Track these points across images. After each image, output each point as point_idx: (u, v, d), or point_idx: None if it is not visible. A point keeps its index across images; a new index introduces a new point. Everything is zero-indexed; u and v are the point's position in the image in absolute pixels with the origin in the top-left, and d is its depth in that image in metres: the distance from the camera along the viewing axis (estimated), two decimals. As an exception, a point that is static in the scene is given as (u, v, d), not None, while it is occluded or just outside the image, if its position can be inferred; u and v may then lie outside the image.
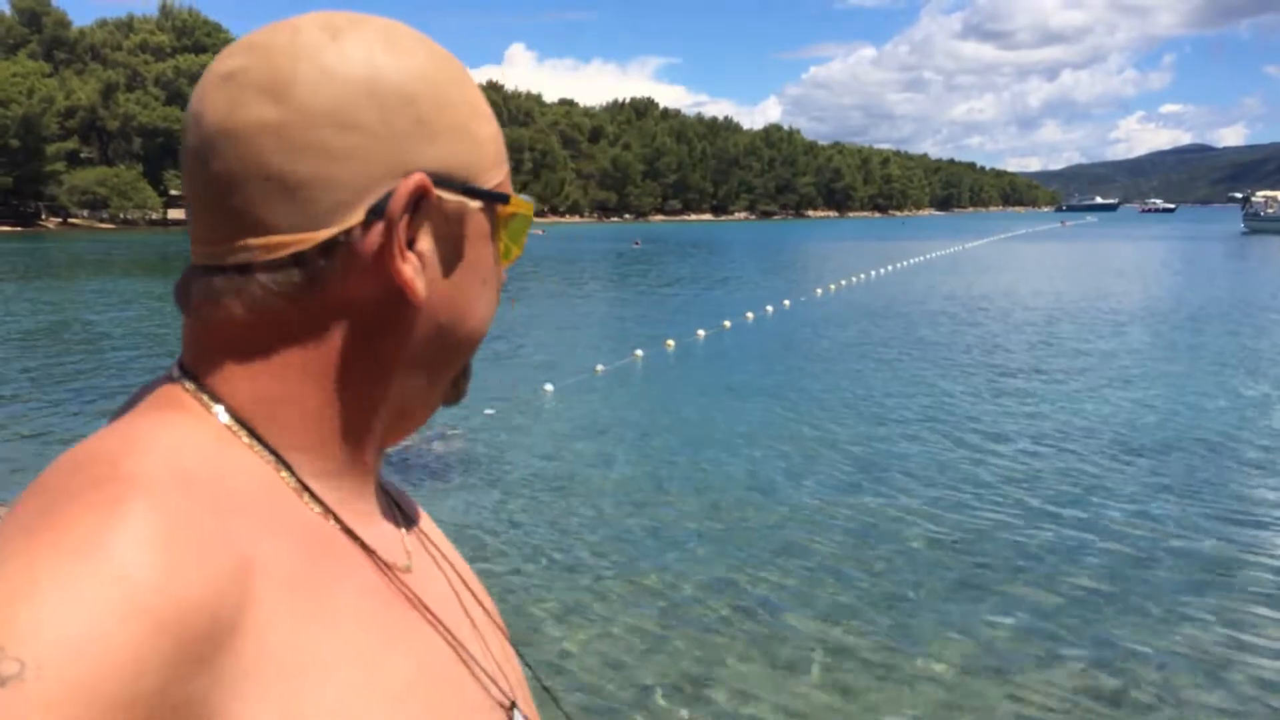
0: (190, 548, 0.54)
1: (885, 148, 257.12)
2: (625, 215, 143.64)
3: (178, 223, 76.77)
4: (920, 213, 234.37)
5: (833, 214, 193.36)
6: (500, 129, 0.71)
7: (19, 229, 70.17)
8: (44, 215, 76.79)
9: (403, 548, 0.75)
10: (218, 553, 0.56)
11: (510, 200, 0.69)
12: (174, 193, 77.92)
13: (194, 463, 0.60)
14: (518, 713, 0.75)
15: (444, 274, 0.67)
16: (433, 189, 0.65)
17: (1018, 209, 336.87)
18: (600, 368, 14.29)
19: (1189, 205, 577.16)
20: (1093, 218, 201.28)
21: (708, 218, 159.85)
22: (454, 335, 0.70)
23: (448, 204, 0.66)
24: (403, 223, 0.63)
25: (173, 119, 79.11)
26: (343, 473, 0.68)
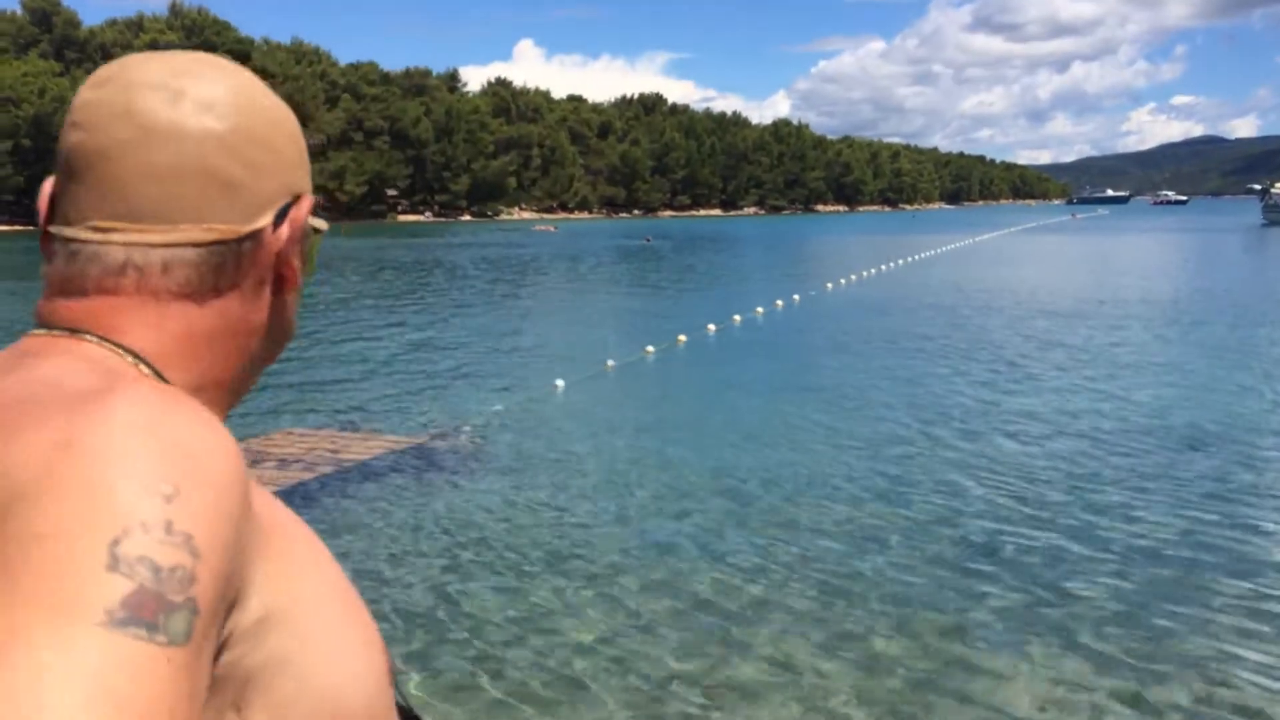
0: (215, 419, 0.64)
1: (895, 141, 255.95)
2: (634, 211, 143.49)
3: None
4: (930, 206, 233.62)
5: (842, 208, 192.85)
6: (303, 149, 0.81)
7: (31, 227, 70.47)
8: (56, 214, 77.16)
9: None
10: (233, 450, 0.64)
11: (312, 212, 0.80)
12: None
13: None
14: None
15: (293, 272, 0.79)
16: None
17: (1028, 202, 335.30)
18: (611, 363, 14.27)
19: (1201, 197, 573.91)
20: (1104, 210, 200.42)
21: (717, 213, 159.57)
22: (290, 330, 0.82)
23: (296, 210, 0.77)
24: (298, 221, 0.77)
25: (183, 118, 79.05)
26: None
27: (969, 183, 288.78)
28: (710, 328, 18.18)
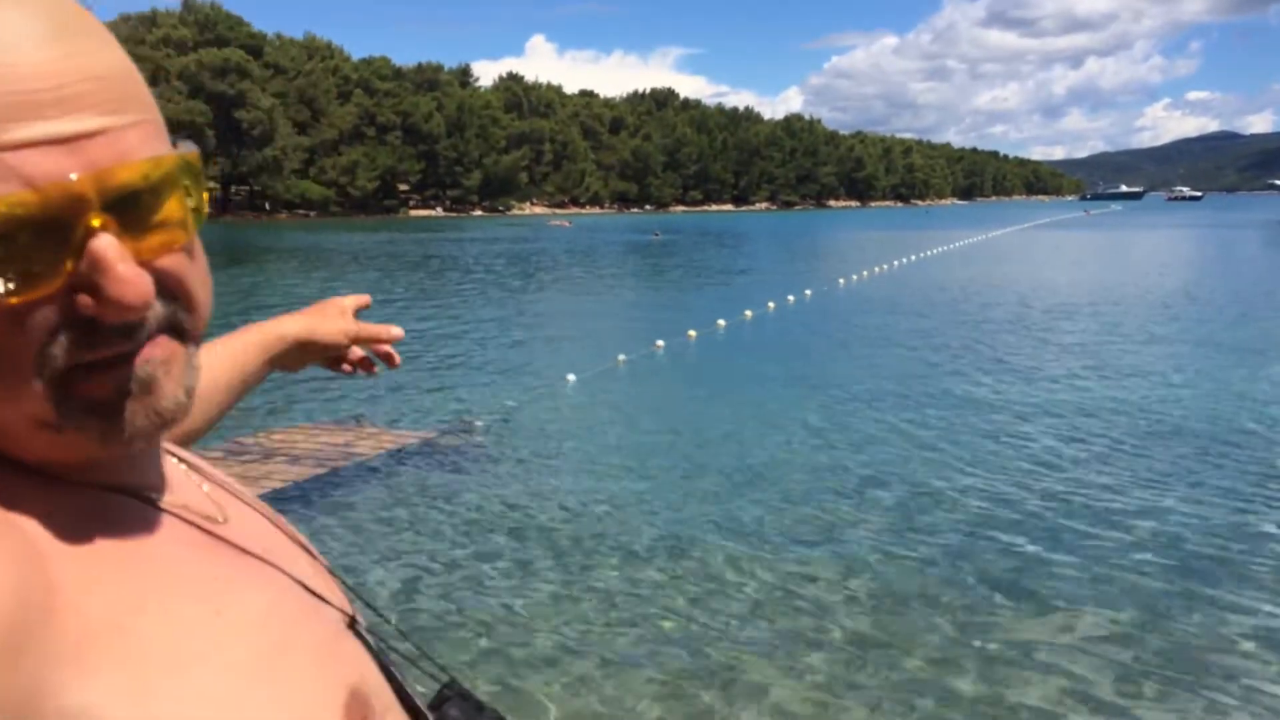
0: None
1: (908, 137, 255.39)
2: (646, 206, 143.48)
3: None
4: (943, 202, 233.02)
5: (854, 204, 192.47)
6: (37, 61, 0.54)
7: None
8: (70, 209, 77.63)
9: (211, 503, 0.73)
10: (4, 538, 0.53)
11: None
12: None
13: None
14: (359, 626, 0.77)
15: None
16: None
17: (1041, 198, 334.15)
18: (622, 358, 14.25)
19: (1216, 193, 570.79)
20: (1118, 206, 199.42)
21: (729, 208, 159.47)
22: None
23: None
24: None
25: (195, 112, 79.59)
26: (80, 460, 0.62)
27: (982, 178, 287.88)
28: (721, 323, 18.15)
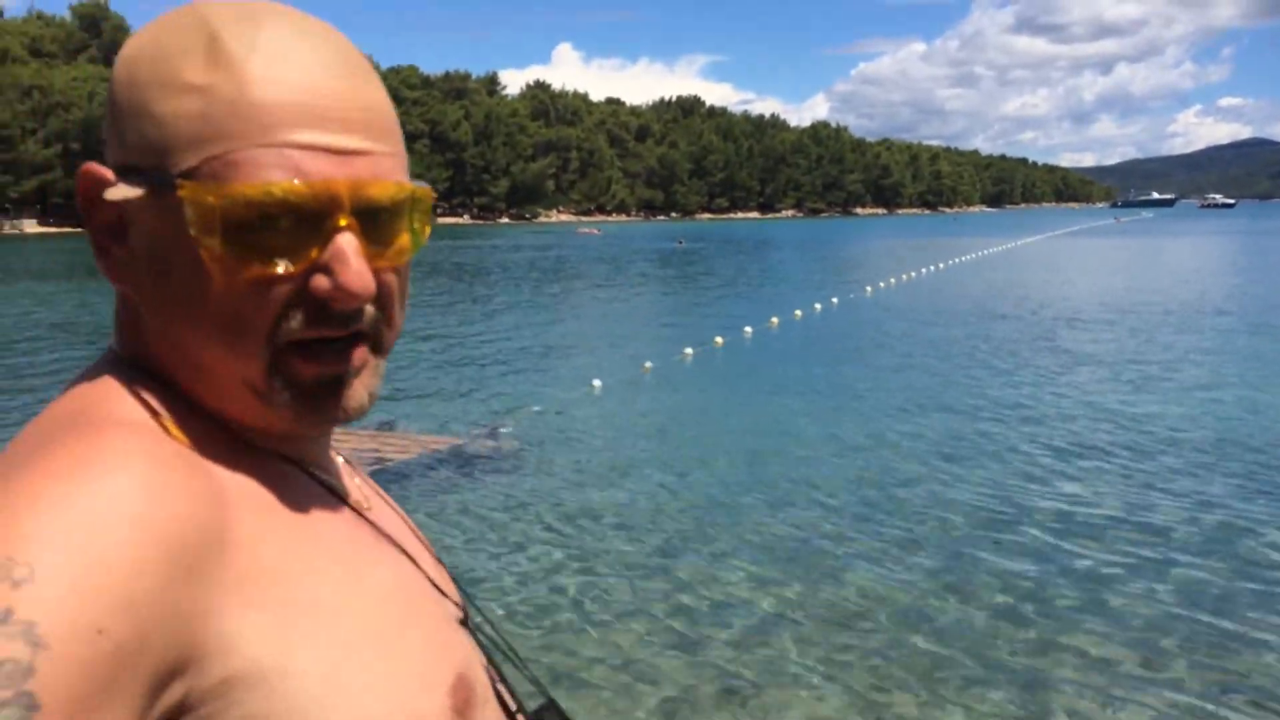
0: (173, 472, 0.59)
1: (935, 144, 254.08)
2: (672, 214, 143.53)
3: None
4: (971, 209, 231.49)
5: (881, 211, 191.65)
6: (213, 101, 0.64)
7: (80, 230, 71.62)
8: (103, 217, 78.50)
9: (360, 493, 0.82)
10: (198, 478, 0.61)
11: (182, 185, 0.64)
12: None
13: (148, 411, 0.66)
14: (469, 622, 0.83)
15: (145, 263, 0.68)
16: (98, 174, 0.67)
17: (1071, 205, 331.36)
18: (649, 365, 14.27)
19: (1249, 200, 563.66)
20: (1149, 213, 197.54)
21: (755, 216, 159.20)
22: (187, 326, 0.67)
23: (123, 190, 0.66)
24: (94, 211, 0.68)
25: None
26: (267, 431, 0.71)
27: (1011, 186, 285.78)
28: (747, 330, 18.14)
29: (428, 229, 0.73)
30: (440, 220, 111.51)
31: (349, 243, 0.65)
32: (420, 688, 0.68)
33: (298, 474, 0.72)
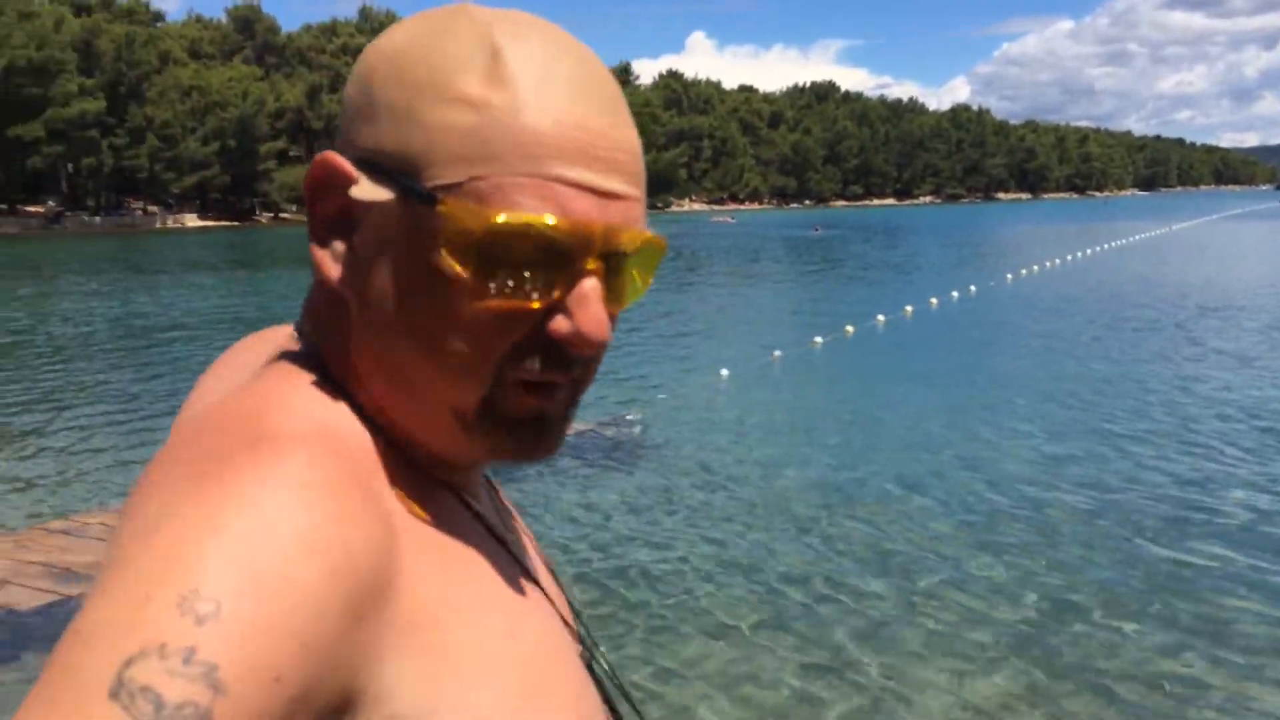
0: (351, 503, 0.57)
1: (1083, 125, 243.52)
2: (805, 201, 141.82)
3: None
4: (1122, 193, 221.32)
5: (1025, 196, 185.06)
6: (488, 120, 0.62)
7: (236, 223, 75.42)
8: (258, 211, 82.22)
9: (502, 521, 0.78)
10: (372, 509, 0.59)
11: (443, 200, 0.62)
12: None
13: (328, 422, 0.64)
14: (593, 663, 0.79)
15: (370, 266, 0.65)
16: (341, 167, 0.64)
17: (1232, 187, 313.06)
18: (777, 354, 14.08)
19: None
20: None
21: (891, 202, 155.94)
22: (403, 340, 0.65)
23: (368, 189, 0.64)
24: (320, 200, 0.66)
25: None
26: (429, 446, 0.69)
27: (1165, 168, 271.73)
28: (880, 319, 17.72)
29: (650, 279, 0.69)
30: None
31: (593, 288, 0.63)
32: None
33: (455, 504, 0.70)
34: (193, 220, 74.84)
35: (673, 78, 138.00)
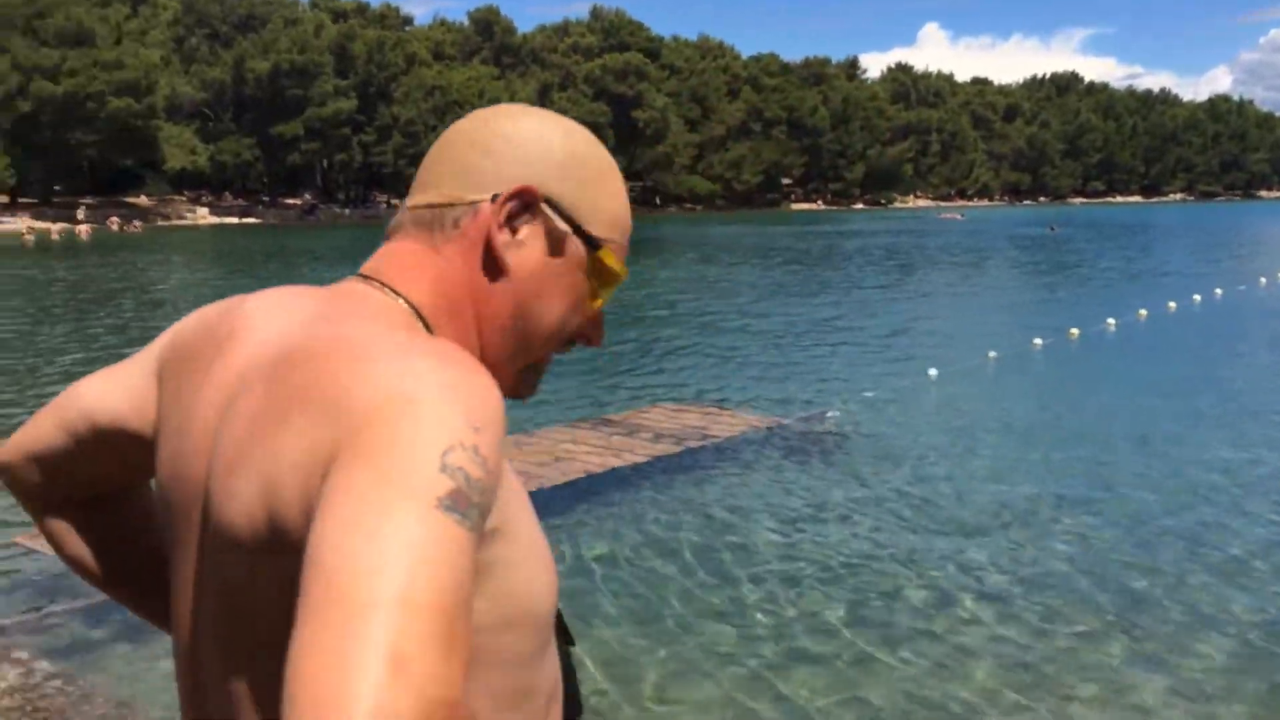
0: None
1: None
2: (1040, 198, 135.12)
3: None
4: None
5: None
6: (629, 219, 1.01)
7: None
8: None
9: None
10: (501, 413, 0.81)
11: (601, 250, 0.96)
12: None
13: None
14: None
15: (533, 263, 0.94)
16: (539, 198, 0.93)
17: None
18: (993, 354, 13.55)
19: None
20: None
21: (1136, 199, 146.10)
22: (524, 318, 0.95)
23: (551, 219, 0.94)
24: (505, 205, 0.92)
25: (598, 113, 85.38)
26: None
27: None
28: (1110, 322, 16.71)
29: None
30: (793, 206, 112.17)
31: (601, 309, 1.00)
32: (553, 570, 0.94)
33: None
34: (430, 213, 79.34)
35: (901, 70, 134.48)
